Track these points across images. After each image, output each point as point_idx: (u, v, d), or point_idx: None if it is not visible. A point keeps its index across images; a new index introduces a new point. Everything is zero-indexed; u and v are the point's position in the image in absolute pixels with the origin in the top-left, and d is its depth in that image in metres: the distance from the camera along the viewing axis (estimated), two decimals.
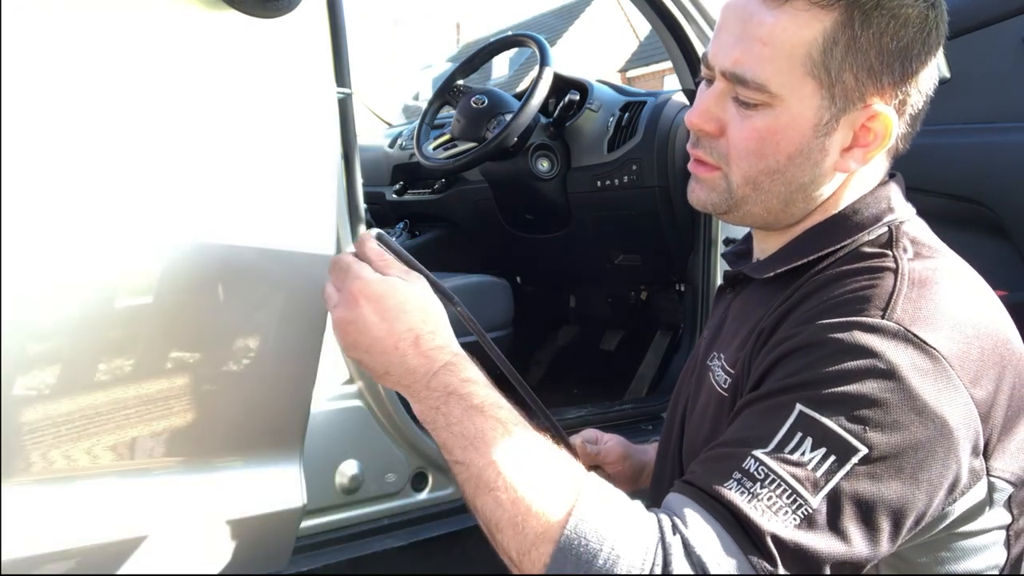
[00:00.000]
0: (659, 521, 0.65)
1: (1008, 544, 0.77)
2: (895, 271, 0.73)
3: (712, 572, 0.61)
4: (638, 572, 0.61)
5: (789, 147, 0.77)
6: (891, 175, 0.86)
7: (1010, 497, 0.75)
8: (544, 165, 2.07)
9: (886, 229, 0.79)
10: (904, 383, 0.65)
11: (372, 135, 2.98)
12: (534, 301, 2.53)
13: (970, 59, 1.38)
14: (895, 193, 0.82)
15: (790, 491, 0.63)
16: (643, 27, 20.67)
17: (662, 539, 0.63)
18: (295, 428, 1.08)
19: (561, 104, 2.08)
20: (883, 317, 0.68)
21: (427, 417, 0.73)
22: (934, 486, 0.67)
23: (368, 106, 3.05)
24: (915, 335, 0.67)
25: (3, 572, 0.87)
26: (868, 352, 0.66)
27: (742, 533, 0.63)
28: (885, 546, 0.66)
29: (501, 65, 22.81)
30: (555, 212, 2.16)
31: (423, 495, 1.45)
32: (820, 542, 0.63)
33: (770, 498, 0.63)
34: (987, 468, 0.71)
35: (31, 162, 0.81)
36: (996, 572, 0.78)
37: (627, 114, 2.03)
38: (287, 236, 0.97)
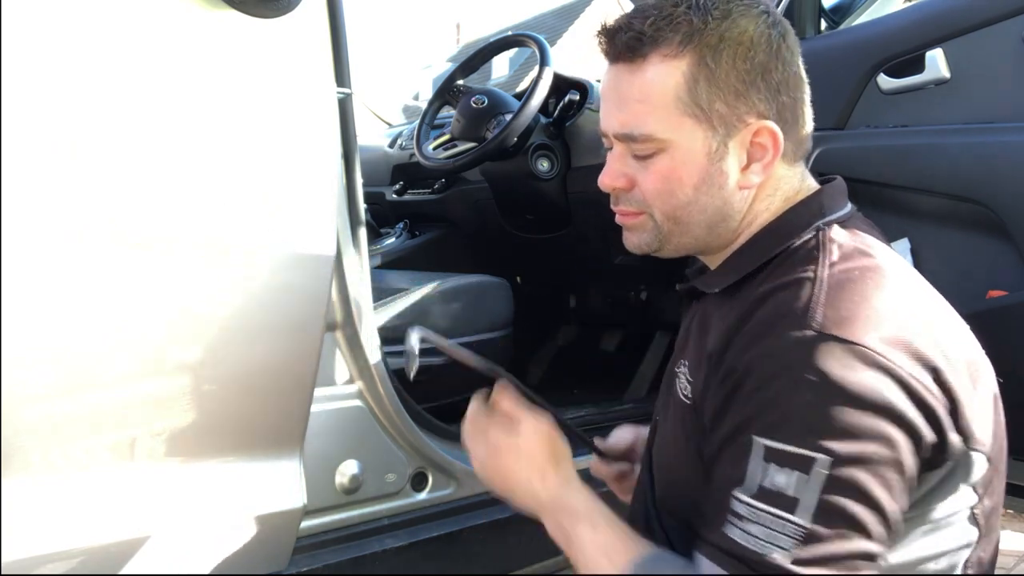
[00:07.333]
0: None
1: (976, 523, 0.80)
2: (812, 280, 0.77)
3: None
4: None
5: (692, 179, 0.85)
6: (830, 180, 0.91)
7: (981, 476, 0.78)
8: (544, 165, 2.07)
9: (813, 234, 0.84)
10: (836, 384, 0.70)
11: (372, 135, 2.98)
12: (534, 301, 2.53)
13: (970, 59, 1.38)
14: (828, 199, 0.88)
15: (777, 519, 0.69)
16: None
17: None
18: (295, 428, 1.08)
19: (561, 104, 2.08)
20: (803, 328, 0.72)
21: (552, 532, 0.88)
22: (900, 464, 0.70)
23: (368, 106, 3.05)
24: (835, 336, 0.71)
25: (3, 572, 0.87)
26: (797, 367, 0.71)
27: (751, 569, 0.70)
28: (883, 533, 0.70)
29: (501, 65, 22.78)
30: (555, 212, 2.15)
31: (423, 495, 1.45)
32: (826, 551, 0.68)
33: (764, 531, 0.69)
34: (965, 441, 0.74)
35: (31, 161, 0.81)
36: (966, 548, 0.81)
37: None
38: (287, 236, 0.97)
